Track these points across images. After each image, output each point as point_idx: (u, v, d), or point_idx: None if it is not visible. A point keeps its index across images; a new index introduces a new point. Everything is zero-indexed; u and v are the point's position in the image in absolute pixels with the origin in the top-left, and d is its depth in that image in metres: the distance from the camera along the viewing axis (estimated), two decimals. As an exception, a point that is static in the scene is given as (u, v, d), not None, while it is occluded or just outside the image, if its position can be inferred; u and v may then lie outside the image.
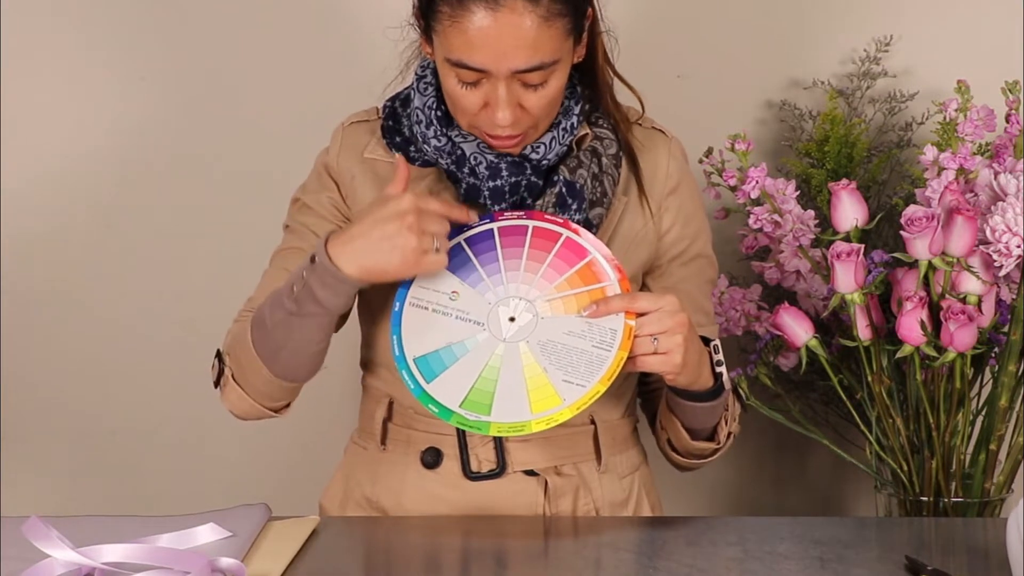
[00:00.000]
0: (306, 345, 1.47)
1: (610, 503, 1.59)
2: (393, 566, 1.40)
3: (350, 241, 1.39)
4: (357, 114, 1.62)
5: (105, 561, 1.27)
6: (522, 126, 1.48)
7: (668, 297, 1.41)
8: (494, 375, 1.40)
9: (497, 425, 1.39)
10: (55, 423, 2.24)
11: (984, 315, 1.77)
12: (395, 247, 1.37)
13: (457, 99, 1.47)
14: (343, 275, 1.39)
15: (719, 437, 1.55)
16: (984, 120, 1.86)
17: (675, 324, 1.40)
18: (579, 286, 1.43)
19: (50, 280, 2.21)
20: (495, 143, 1.49)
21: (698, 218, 1.63)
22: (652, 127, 1.62)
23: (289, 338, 1.46)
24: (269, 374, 1.49)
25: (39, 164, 2.19)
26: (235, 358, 1.51)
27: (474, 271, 1.45)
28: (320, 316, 1.44)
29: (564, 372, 1.40)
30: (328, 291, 1.40)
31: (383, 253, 1.37)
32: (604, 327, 1.41)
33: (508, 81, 1.43)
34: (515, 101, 1.45)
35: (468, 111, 1.47)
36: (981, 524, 1.53)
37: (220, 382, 1.54)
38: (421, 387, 1.41)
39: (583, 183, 1.51)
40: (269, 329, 1.47)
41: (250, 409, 1.53)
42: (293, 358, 1.48)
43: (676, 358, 1.40)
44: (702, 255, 1.63)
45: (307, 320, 1.44)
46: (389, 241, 1.37)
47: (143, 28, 2.17)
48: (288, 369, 1.49)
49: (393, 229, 1.37)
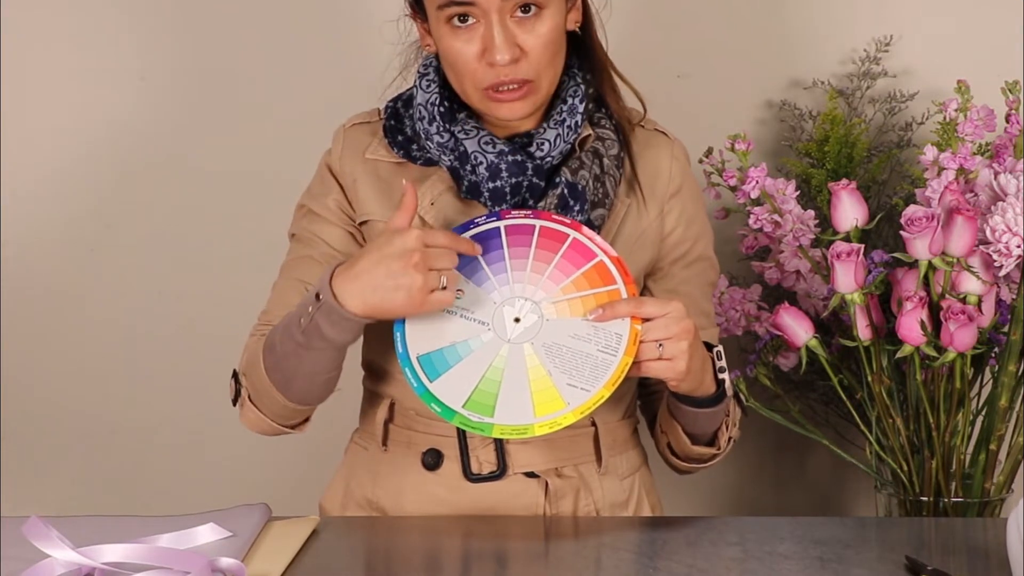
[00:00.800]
0: (318, 374, 1.47)
1: (610, 504, 1.58)
2: (393, 566, 1.40)
3: (355, 279, 1.37)
4: (358, 116, 1.62)
5: (105, 561, 1.27)
6: (522, 71, 1.47)
7: (674, 303, 1.40)
8: (498, 376, 1.40)
9: (500, 427, 1.39)
10: (55, 423, 2.24)
11: (984, 315, 1.77)
12: (400, 286, 1.35)
13: (456, 56, 1.47)
14: (348, 313, 1.38)
15: (720, 443, 1.55)
16: (984, 120, 1.86)
17: (681, 330, 1.40)
18: (585, 288, 1.43)
19: (50, 280, 2.21)
20: (503, 98, 1.48)
21: (700, 220, 1.63)
22: (655, 129, 1.62)
23: (300, 368, 1.46)
24: (284, 399, 1.49)
25: (39, 164, 2.19)
26: (251, 381, 1.51)
27: (480, 270, 1.44)
28: (329, 349, 1.43)
29: (568, 376, 1.39)
30: (335, 328, 1.40)
31: (388, 292, 1.36)
32: (610, 331, 1.40)
33: (500, 16, 1.44)
34: (511, 39, 1.45)
35: (468, 65, 1.47)
36: (981, 524, 1.53)
37: (238, 402, 1.54)
38: (424, 385, 1.40)
39: (585, 184, 1.51)
40: (280, 358, 1.46)
41: (268, 428, 1.54)
42: (306, 386, 1.48)
43: (681, 364, 1.40)
44: (704, 257, 1.63)
45: (317, 353, 1.44)
46: (394, 280, 1.35)
47: (143, 28, 2.17)
48: (302, 395, 1.49)
49: (399, 268, 1.35)
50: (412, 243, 1.35)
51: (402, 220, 1.39)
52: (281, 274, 1.59)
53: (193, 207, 2.20)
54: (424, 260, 1.35)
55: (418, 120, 1.54)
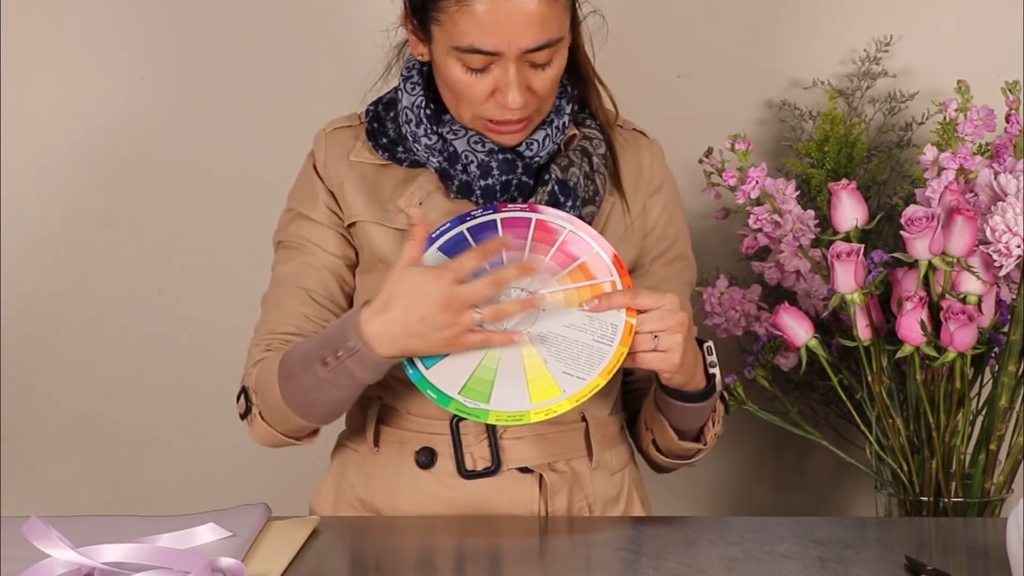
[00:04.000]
0: (344, 401, 1.48)
1: (603, 500, 1.59)
2: (392, 566, 1.40)
3: (389, 326, 1.37)
4: (337, 120, 1.63)
5: (105, 561, 1.27)
6: (530, 109, 1.48)
7: (669, 296, 1.42)
8: (494, 364, 1.41)
9: (496, 413, 1.40)
10: (55, 423, 2.24)
11: (984, 315, 1.77)
12: (437, 330, 1.36)
13: (463, 89, 1.47)
14: (382, 359, 1.39)
15: (705, 438, 1.56)
16: (984, 120, 1.86)
17: (675, 323, 1.41)
18: (581, 280, 1.44)
19: (50, 280, 2.21)
20: (503, 130, 1.50)
21: (679, 219, 1.65)
22: (633, 129, 1.64)
23: (325, 398, 1.47)
24: (303, 421, 1.50)
25: (39, 164, 2.19)
26: (264, 400, 1.51)
27: None
28: (355, 382, 1.44)
29: (564, 364, 1.40)
30: (367, 371, 1.41)
31: (426, 338, 1.37)
32: (605, 322, 1.41)
33: (518, 63, 1.44)
34: (524, 83, 1.46)
35: (475, 100, 1.48)
36: (981, 524, 1.54)
37: (247, 418, 1.54)
38: (420, 372, 1.41)
39: (576, 181, 1.52)
40: (301, 388, 1.46)
41: (278, 441, 1.54)
42: (326, 411, 1.50)
43: (675, 357, 1.41)
44: (683, 256, 1.65)
45: (344, 389, 1.44)
46: (430, 325, 1.36)
47: (143, 28, 2.17)
48: (323, 418, 1.51)
49: (434, 312, 1.35)
50: (446, 290, 1.35)
51: (415, 252, 1.39)
52: (277, 283, 1.58)
53: (193, 207, 2.20)
54: (461, 303, 1.36)
55: (404, 123, 1.55)
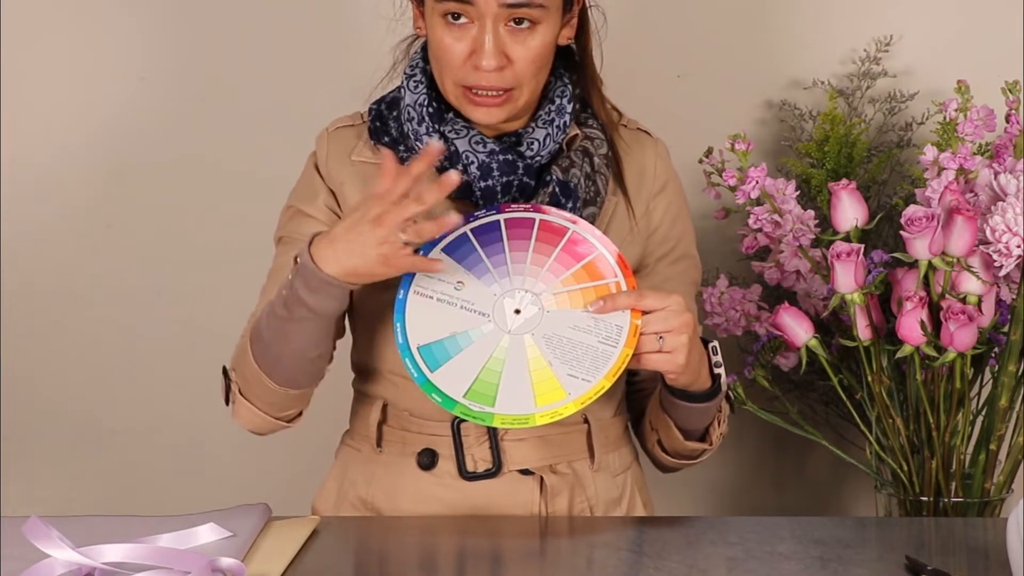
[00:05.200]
0: (304, 350, 1.47)
1: (605, 501, 1.59)
2: (393, 566, 1.40)
3: (332, 243, 1.39)
4: (340, 119, 1.62)
5: (105, 561, 1.27)
6: (506, 80, 1.48)
7: (674, 297, 1.42)
8: (499, 367, 1.40)
9: (501, 416, 1.39)
10: (55, 423, 2.24)
11: (984, 315, 1.77)
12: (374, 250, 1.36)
13: (443, 50, 1.48)
14: (326, 276, 1.39)
15: (711, 438, 1.56)
16: (984, 120, 1.86)
17: (680, 324, 1.41)
18: (585, 281, 1.44)
19: (50, 280, 2.21)
20: (480, 102, 1.49)
21: (684, 218, 1.64)
22: (637, 128, 1.63)
23: (287, 345, 1.46)
24: (273, 384, 1.49)
25: (39, 164, 2.19)
26: (240, 373, 1.52)
27: (480, 262, 1.44)
28: (312, 320, 1.43)
29: (569, 366, 1.40)
30: (316, 295, 1.41)
31: (363, 256, 1.37)
32: (610, 323, 1.41)
33: (495, 22, 1.45)
34: (501, 48, 1.46)
35: (454, 63, 1.48)
36: (981, 524, 1.54)
37: (229, 399, 1.54)
38: (425, 376, 1.41)
39: (577, 182, 1.52)
40: (266, 340, 1.47)
41: (262, 423, 1.54)
42: (293, 364, 1.48)
43: (680, 358, 1.41)
44: (688, 256, 1.64)
45: (300, 324, 1.44)
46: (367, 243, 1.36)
47: (143, 28, 2.17)
48: (290, 376, 1.49)
49: (370, 233, 1.36)
50: (377, 207, 1.36)
51: (383, 183, 1.38)
52: (270, 278, 1.59)
53: (193, 207, 2.20)
54: (390, 220, 1.35)
55: (407, 121, 1.54)
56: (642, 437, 1.63)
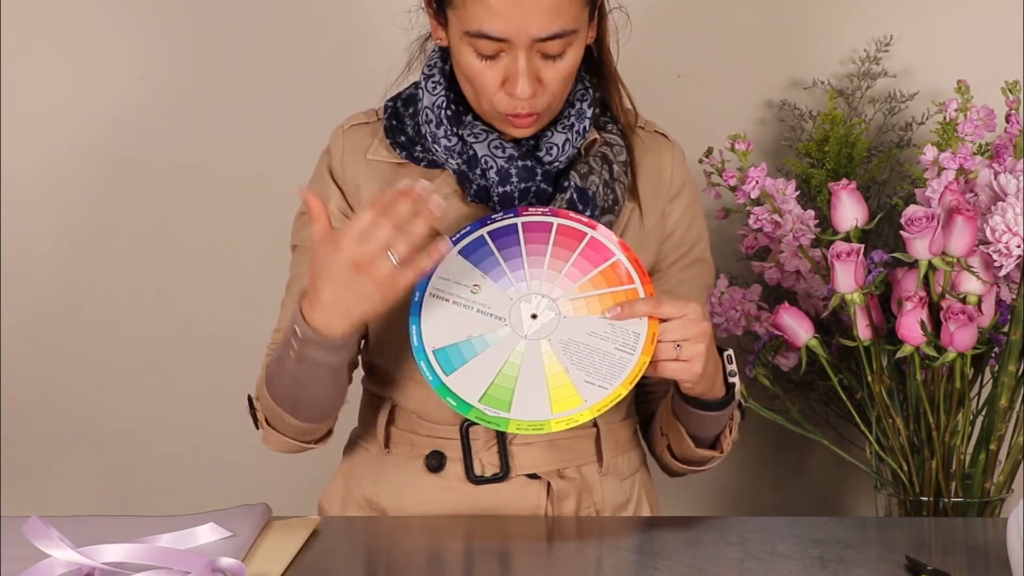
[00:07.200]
0: (321, 392, 1.47)
1: (612, 506, 1.58)
2: (394, 566, 1.40)
3: (328, 309, 1.36)
4: (356, 116, 1.60)
5: (105, 561, 1.27)
6: (539, 103, 1.46)
7: (692, 305, 1.40)
8: (515, 372, 1.39)
9: (516, 422, 1.38)
10: (55, 423, 2.24)
11: (984, 315, 1.77)
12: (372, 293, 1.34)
13: (475, 78, 1.46)
14: (337, 340, 1.39)
15: (722, 445, 1.55)
16: (984, 120, 1.86)
17: (698, 332, 1.40)
18: (603, 287, 1.42)
19: (50, 280, 2.21)
20: (514, 123, 1.47)
21: (699, 223, 1.63)
22: (655, 131, 1.62)
23: (303, 390, 1.46)
24: (295, 421, 1.50)
25: (39, 164, 2.19)
26: (264, 406, 1.51)
27: (496, 265, 1.43)
28: (325, 367, 1.43)
29: (586, 373, 1.39)
30: (325, 353, 1.41)
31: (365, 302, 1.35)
32: (627, 330, 1.40)
33: (528, 52, 1.42)
34: (534, 73, 1.44)
35: (487, 90, 1.46)
36: (981, 524, 1.53)
37: (258, 425, 1.54)
38: (440, 379, 1.40)
39: (595, 190, 1.50)
40: (282, 384, 1.47)
41: (292, 447, 1.54)
42: (312, 405, 1.49)
43: (697, 367, 1.40)
44: (702, 259, 1.63)
45: (314, 371, 1.43)
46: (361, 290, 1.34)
47: (143, 28, 2.17)
48: (311, 415, 1.50)
49: (351, 279, 1.33)
50: (349, 252, 1.33)
51: (319, 231, 1.35)
52: (288, 289, 1.59)
53: (193, 207, 2.20)
54: (368, 257, 1.32)
55: (424, 123, 1.52)
56: (651, 441, 1.62)
